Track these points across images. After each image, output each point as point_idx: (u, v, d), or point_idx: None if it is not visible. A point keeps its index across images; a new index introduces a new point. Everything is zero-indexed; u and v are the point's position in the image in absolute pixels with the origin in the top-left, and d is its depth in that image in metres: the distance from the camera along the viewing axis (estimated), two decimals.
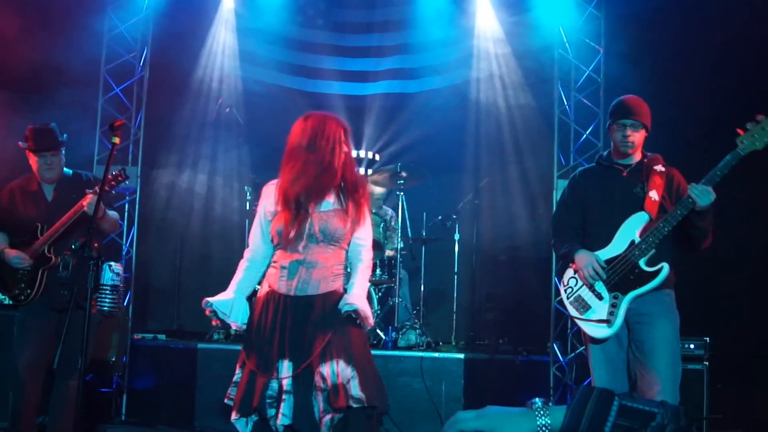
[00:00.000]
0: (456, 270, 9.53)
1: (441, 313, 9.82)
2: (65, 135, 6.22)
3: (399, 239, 8.91)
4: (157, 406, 8.41)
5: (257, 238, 4.70)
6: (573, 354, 8.70)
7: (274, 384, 4.34)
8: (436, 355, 8.06)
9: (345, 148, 4.60)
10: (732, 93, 8.15)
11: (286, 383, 4.32)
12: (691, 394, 6.23)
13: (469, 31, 10.30)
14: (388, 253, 9.16)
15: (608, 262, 5.08)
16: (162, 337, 9.10)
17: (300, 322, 4.42)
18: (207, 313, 4.56)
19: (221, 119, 10.12)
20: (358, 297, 4.50)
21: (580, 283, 5.20)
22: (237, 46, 10.39)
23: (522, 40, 9.98)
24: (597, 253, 5.14)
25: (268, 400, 4.33)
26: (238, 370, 4.52)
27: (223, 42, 10.37)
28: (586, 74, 9.07)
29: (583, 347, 8.34)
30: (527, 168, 10.22)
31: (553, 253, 8.85)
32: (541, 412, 2.05)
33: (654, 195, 5.08)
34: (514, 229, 10.13)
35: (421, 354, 8.00)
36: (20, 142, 6.06)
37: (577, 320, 5.23)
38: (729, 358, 7.41)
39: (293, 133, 4.55)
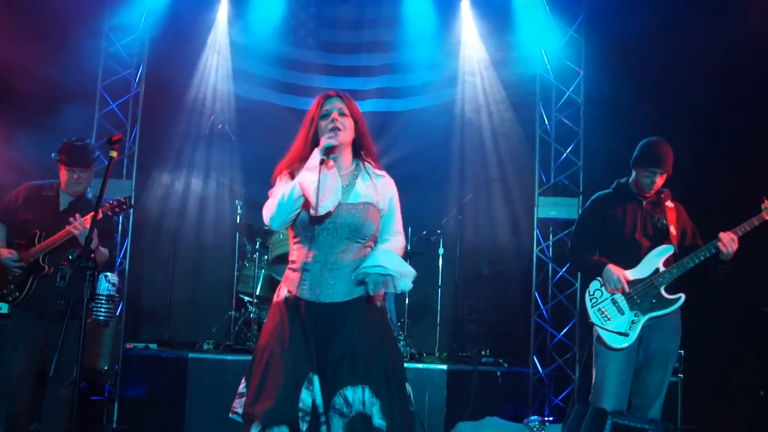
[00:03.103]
0: (440, 283, 9.55)
1: (425, 325, 9.79)
2: (97, 153, 6.20)
3: None
4: (148, 414, 8.35)
5: None
6: (552, 366, 8.68)
7: (307, 398, 3.76)
8: (420, 366, 8.05)
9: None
10: (710, 112, 8.18)
11: (317, 402, 3.80)
12: (667, 407, 6.19)
13: (455, 52, 10.31)
14: None
15: (633, 282, 5.47)
16: (153, 346, 9.03)
17: (326, 333, 3.93)
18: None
19: (214, 135, 10.07)
20: (386, 255, 3.97)
21: (606, 295, 5.55)
22: (230, 64, 10.36)
23: (505, 61, 9.99)
24: (625, 272, 5.49)
25: (300, 413, 3.74)
26: (244, 382, 3.98)
27: (216, 60, 10.33)
28: (567, 95, 9.10)
29: (565, 358, 8.35)
30: (509, 185, 10.21)
31: (547, 266, 8.85)
32: (537, 428, 2.00)
33: (673, 229, 5.55)
34: (497, 244, 10.11)
35: (405, 365, 7.94)
36: (53, 154, 6.07)
37: (597, 328, 5.52)
38: (703, 372, 7.41)
39: None
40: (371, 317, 4.05)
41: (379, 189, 4.17)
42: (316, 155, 3.93)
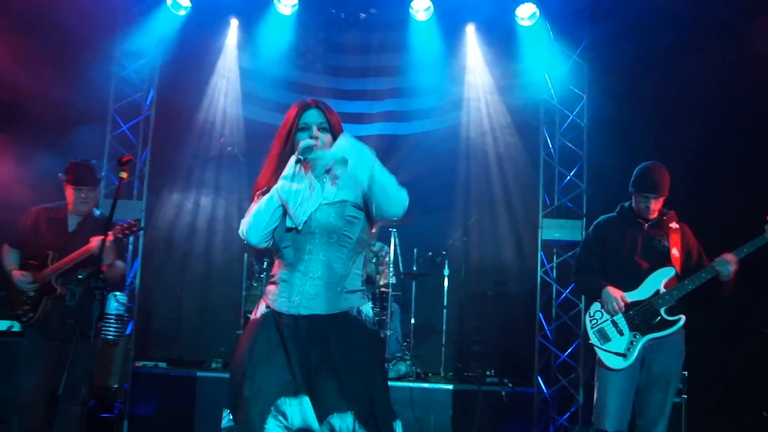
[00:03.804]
0: (445, 304, 9.53)
1: (430, 345, 9.77)
2: (103, 173, 6.23)
3: (391, 274, 8.88)
4: (157, 431, 8.31)
5: None
6: (557, 386, 8.66)
7: (275, 429, 3.32)
8: (426, 385, 8.05)
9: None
10: (711, 134, 8.21)
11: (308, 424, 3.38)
12: (671, 427, 6.16)
13: (460, 77, 10.33)
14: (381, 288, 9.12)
15: (634, 304, 5.48)
16: (163, 365, 9.04)
17: (307, 351, 3.49)
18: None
19: (223, 157, 10.12)
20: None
21: (605, 316, 5.56)
22: (239, 87, 10.40)
23: (510, 86, 10.01)
24: (625, 294, 5.51)
25: None
26: (225, 414, 3.56)
27: (225, 84, 10.38)
28: (570, 119, 9.13)
29: (569, 378, 8.33)
30: (514, 207, 10.23)
31: (546, 287, 8.85)
32: None
33: (675, 252, 5.53)
34: (502, 265, 10.13)
35: (411, 384, 7.98)
36: (60, 174, 6.12)
37: (596, 348, 5.54)
38: (707, 393, 7.38)
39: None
40: (359, 335, 3.62)
41: (351, 183, 3.70)
42: (292, 161, 3.60)
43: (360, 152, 3.57)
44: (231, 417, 3.52)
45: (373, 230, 9.44)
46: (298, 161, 3.57)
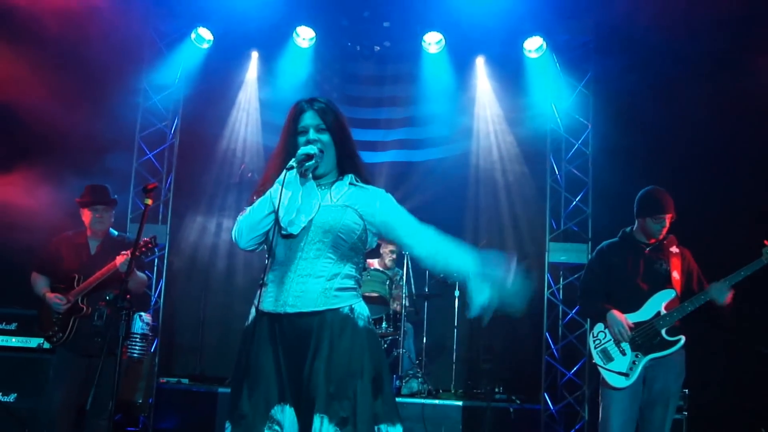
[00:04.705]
0: (456, 324, 9.53)
1: (441, 363, 9.77)
2: (116, 196, 6.35)
3: (405, 296, 8.89)
4: None
5: None
6: (563, 403, 8.64)
7: None
8: (437, 402, 8.05)
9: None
10: (710, 162, 8.22)
11: None
12: None
13: (470, 107, 10.38)
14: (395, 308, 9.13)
15: (636, 325, 5.47)
16: (185, 381, 9.06)
17: (296, 350, 3.31)
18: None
19: (244, 183, 10.17)
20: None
21: (608, 337, 5.55)
22: (259, 117, 10.48)
23: (518, 115, 10.05)
24: (627, 315, 5.50)
25: None
26: (228, 426, 3.41)
27: (246, 113, 10.45)
28: (576, 147, 9.15)
29: (575, 395, 8.31)
30: (521, 231, 10.22)
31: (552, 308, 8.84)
32: None
33: (676, 274, 5.53)
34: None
35: (422, 401, 7.98)
36: (77, 199, 6.25)
37: (599, 368, 5.54)
38: (706, 410, 7.36)
39: None
40: (350, 333, 3.36)
41: (362, 198, 3.50)
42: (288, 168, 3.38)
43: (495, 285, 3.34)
44: (231, 429, 3.37)
45: (390, 258, 9.37)
46: (290, 168, 3.34)
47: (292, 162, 3.36)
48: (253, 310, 3.49)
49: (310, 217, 3.40)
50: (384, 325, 8.84)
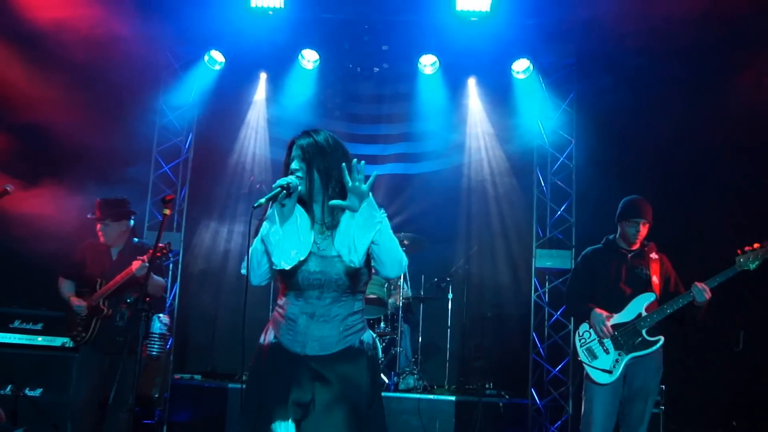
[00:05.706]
0: (449, 324, 9.56)
1: (436, 361, 9.78)
2: (129, 207, 6.38)
3: (401, 298, 8.96)
4: None
5: None
6: (548, 398, 8.69)
7: None
8: (432, 397, 8.08)
9: None
10: (687, 173, 8.30)
11: None
12: None
13: (463, 123, 10.39)
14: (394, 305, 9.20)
15: (618, 325, 5.54)
16: (198, 377, 9.07)
17: (307, 386, 3.32)
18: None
19: (253, 193, 10.21)
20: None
21: (593, 336, 5.62)
22: (267, 133, 10.52)
23: (507, 131, 10.06)
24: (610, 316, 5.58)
25: None
26: None
27: (255, 130, 10.50)
28: (561, 161, 9.20)
29: (559, 391, 8.37)
30: (510, 239, 10.24)
31: (543, 311, 8.90)
32: None
33: (655, 279, 5.59)
34: (499, 290, 10.13)
35: (418, 396, 8.03)
36: (89, 215, 6.33)
37: (585, 365, 5.60)
38: (682, 404, 7.42)
39: None
40: (359, 364, 3.41)
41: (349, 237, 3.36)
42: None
43: (369, 213, 3.24)
44: None
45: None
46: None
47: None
48: (272, 334, 3.52)
49: (304, 257, 3.37)
50: (382, 325, 8.91)
